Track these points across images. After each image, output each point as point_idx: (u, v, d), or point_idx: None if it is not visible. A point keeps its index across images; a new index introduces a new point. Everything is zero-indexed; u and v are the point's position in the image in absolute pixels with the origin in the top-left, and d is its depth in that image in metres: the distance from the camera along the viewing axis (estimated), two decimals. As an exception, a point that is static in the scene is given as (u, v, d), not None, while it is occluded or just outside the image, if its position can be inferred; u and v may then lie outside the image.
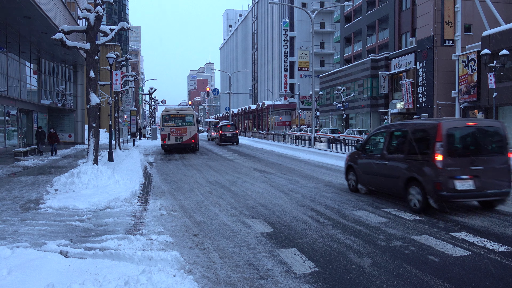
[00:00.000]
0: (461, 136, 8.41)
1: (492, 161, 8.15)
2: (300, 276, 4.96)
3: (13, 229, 7.00)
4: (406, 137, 9.04)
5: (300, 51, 69.64)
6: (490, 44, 26.12)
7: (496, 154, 8.29)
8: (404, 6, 41.92)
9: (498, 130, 8.39)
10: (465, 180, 7.82)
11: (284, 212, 8.46)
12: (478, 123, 8.87)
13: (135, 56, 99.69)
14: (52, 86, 29.70)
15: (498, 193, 8.12)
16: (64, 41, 12.69)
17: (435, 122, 8.22)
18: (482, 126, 8.68)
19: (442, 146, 7.85)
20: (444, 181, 7.75)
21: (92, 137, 12.92)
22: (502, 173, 8.12)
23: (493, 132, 8.44)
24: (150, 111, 61.27)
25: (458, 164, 7.93)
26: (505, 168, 8.14)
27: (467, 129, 8.49)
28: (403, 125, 9.49)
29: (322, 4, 71.49)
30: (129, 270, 4.86)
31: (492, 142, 8.46)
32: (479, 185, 7.88)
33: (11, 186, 11.56)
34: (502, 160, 8.19)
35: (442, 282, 4.74)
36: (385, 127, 10.11)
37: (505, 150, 8.26)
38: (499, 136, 8.32)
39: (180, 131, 24.98)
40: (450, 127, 8.13)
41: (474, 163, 7.93)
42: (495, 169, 8.12)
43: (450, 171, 7.81)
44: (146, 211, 8.68)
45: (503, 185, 8.10)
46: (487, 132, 8.51)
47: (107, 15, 72.94)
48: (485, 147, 8.43)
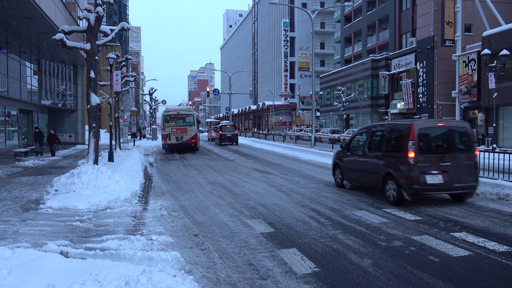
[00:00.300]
0: (432, 136, 9.19)
1: (460, 158, 8.95)
2: (300, 276, 4.95)
3: (13, 230, 7.00)
4: (384, 136, 9.89)
5: (300, 51, 69.65)
6: (490, 44, 26.12)
7: (463, 151, 9.07)
8: (404, 6, 41.93)
9: (466, 130, 9.26)
10: (434, 175, 8.63)
11: (284, 212, 8.46)
12: (447, 124, 9.60)
13: (135, 57, 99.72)
14: (52, 87, 29.71)
15: (465, 186, 8.90)
16: (64, 42, 12.70)
17: (408, 123, 9.09)
18: (451, 126, 9.49)
19: (414, 145, 8.66)
20: (415, 175, 8.54)
21: (93, 138, 12.92)
22: (469, 169, 8.94)
23: (462, 132, 9.30)
24: (150, 111, 61.28)
25: (429, 160, 8.71)
26: (472, 164, 8.96)
27: (437, 129, 9.38)
28: (381, 126, 10.38)
29: (322, 4, 71.49)
30: (130, 270, 4.86)
31: (460, 141, 9.25)
32: (448, 179, 8.67)
33: (11, 187, 11.56)
34: (469, 157, 8.98)
35: (443, 282, 4.74)
36: (366, 128, 10.94)
37: (472, 148, 9.10)
38: (466, 135, 9.17)
39: (181, 131, 25.37)
40: (422, 127, 8.98)
41: (443, 160, 8.74)
42: (462, 165, 8.92)
43: (421, 166, 8.60)
44: (146, 211, 8.68)
45: (470, 180, 8.90)
46: (455, 132, 9.31)
47: (107, 16, 72.99)
48: (453, 145, 9.21)
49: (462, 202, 9.18)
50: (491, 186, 10.36)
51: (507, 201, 9.33)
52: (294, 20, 73.60)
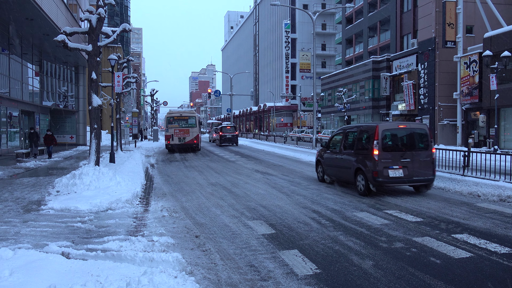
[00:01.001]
0: (394, 136, 10.53)
1: (418, 155, 10.19)
2: (301, 278, 4.95)
3: (15, 230, 7.01)
4: (355, 136, 11.22)
5: (301, 53, 69.66)
6: (491, 46, 26.09)
7: (422, 149, 10.33)
8: (405, 7, 41.93)
9: (424, 131, 10.55)
10: (396, 169, 9.99)
11: (285, 213, 8.45)
12: (408, 126, 10.86)
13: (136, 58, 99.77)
14: (54, 88, 29.77)
15: (423, 179, 10.23)
16: (66, 43, 12.72)
17: (374, 125, 10.44)
18: (411, 127, 10.78)
19: (378, 144, 10.00)
20: (380, 170, 9.91)
21: (94, 139, 12.93)
22: (426, 164, 10.22)
23: (420, 133, 10.53)
24: (151, 112, 61.32)
25: (391, 157, 10.04)
26: (429, 161, 10.26)
27: (399, 130, 10.68)
28: (354, 127, 11.64)
29: (323, 5, 71.52)
30: (131, 271, 4.86)
31: (419, 141, 10.47)
32: (408, 173, 10.03)
33: (13, 188, 11.58)
34: (426, 154, 10.28)
35: (444, 284, 4.73)
36: (342, 129, 12.31)
37: (429, 147, 10.37)
38: (425, 136, 10.47)
39: (183, 132, 26.73)
40: (385, 129, 10.32)
41: (404, 156, 10.07)
42: (421, 161, 10.16)
43: (384, 162, 9.95)
44: (147, 212, 8.68)
45: (428, 174, 10.21)
46: (415, 132, 10.56)
47: (109, 17, 73.13)
48: (413, 144, 10.42)
49: (464, 204, 9.18)
50: (492, 188, 10.34)
51: (509, 202, 9.32)
52: (295, 22, 73.65)
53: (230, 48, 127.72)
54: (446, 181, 11.77)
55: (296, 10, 72.09)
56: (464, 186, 11.00)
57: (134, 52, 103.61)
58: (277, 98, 72.56)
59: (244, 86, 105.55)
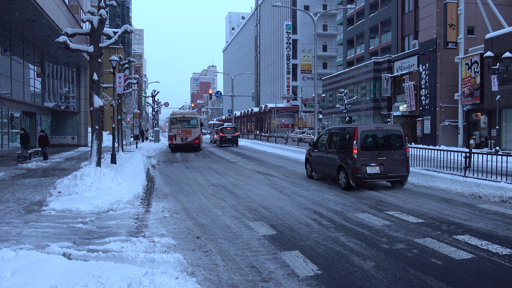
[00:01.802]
0: (372, 136, 11.65)
1: (394, 154, 11.32)
2: (302, 279, 4.95)
3: (16, 231, 7.02)
4: (338, 137, 12.33)
5: (302, 54, 69.68)
6: (493, 47, 26.08)
7: (397, 149, 11.44)
8: (407, 8, 41.92)
9: (399, 132, 11.71)
10: (373, 166, 11.12)
11: (286, 214, 8.45)
12: (384, 128, 11.94)
13: (138, 59, 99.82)
14: (55, 89, 29.83)
15: (398, 176, 11.40)
16: (67, 44, 12.74)
17: (354, 126, 11.57)
18: (387, 129, 11.88)
19: (357, 143, 11.11)
20: (359, 167, 11.01)
21: (95, 140, 12.94)
22: (401, 162, 11.38)
23: (396, 134, 11.67)
24: (153, 113, 61.35)
25: (369, 155, 11.13)
26: (403, 159, 11.42)
27: (376, 131, 11.76)
28: (338, 128, 12.72)
29: (324, 6, 71.56)
30: (132, 272, 4.86)
31: (395, 141, 11.57)
32: (384, 170, 11.19)
33: (14, 188, 11.60)
34: (401, 153, 11.42)
35: (445, 285, 4.72)
36: (327, 130, 13.35)
37: (404, 146, 11.52)
38: (400, 137, 11.62)
39: (186, 132, 28.34)
40: (363, 130, 11.41)
41: (380, 155, 11.21)
42: (396, 159, 11.33)
43: (363, 160, 11.05)
44: (148, 213, 8.69)
45: (402, 170, 11.39)
46: (391, 134, 11.68)
47: (111, 18, 73.23)
48: (389, 144, 11.52)
49: (465, 205, 9.17)
50: (494, 189, 10.32)
51: (510, 204, 9.30)
52: (296, 23, 73.68)
53: (231, 49, 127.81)
54: (448, 182, 11.76)
55: (297, 11, 72.12)
56: (466, 187, 10.98)
57: (135, 53, 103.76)
58: (278, 99, 72.58)
59: (245, 87, 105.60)
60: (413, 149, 15.70)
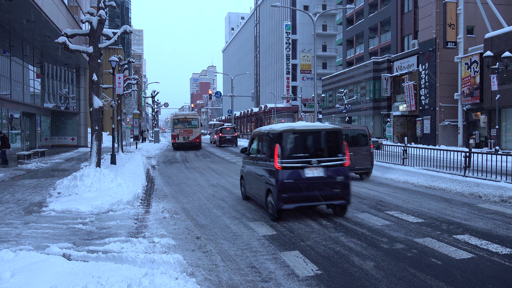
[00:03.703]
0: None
1: (360, 150, 13.32)
2: (302, 279, 4.95)
3: (16, 232, 7.02)
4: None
5: (302, 54, 69.66)
6: (492, 46, 26.08)
7: (363, 145, 13.47)
8: (406, 8, 41.92)
9: (365, 132, 13.82)
10: None
11: (286, 214, 8.44)
12: (352, 127, 13.93)
13: (137, 59, 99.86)
14: (55, 90, 29.82)
15: (363, 168, 13.42)
16: (67, 45, 12.74)
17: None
18: (355, 129, 13.96)
19: None
20: None
21: (95, 140, 12.94)
22: (366, 157, 13.36)
23: (362, 133, 13.73)
24: (152, 114, 61.35)
25: None
26: (368, 154, 13.41)
27: (345, 131, 13.18)
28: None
29: (324, 6, 71.54)
30: (132, 273, 4.86)
31: (361, 139, 13.57)
32: (351, 164, 11.41)
33: (14, 189, 11.59)
34: (366, 149, 13.45)
35: (445, 284, 4.72)
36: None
37: (368, 143, 13.58)
38: (365, 135, 13.72)
39: (187, 132, 31.03)
40: None
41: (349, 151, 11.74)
42: (361, 154, 13.29)
43: None
44: (148, 214, 8.69)
45: (367, 164, 13.42)
46: (358, 133, 13.74)
47: (110, 19, 73.24)
48: (356, 141, 13.47)
49: (465, 205, 9.18)
50: (494, 189, 10.32)
51: (510, 203, 9.31)
52: (296, 23, 73.65)
53: (231, 49, 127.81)
54: (447, 182, 11.77)
55: (297, 11, 72.10)
56: (465, 187, 10.98)
57: (135, 53, 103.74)
58: (278, 99, 72.55)
59: (245, 87, 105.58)
60: (413, 149, 15.71)
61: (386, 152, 17.48)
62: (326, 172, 7.91)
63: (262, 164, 8.59)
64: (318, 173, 7.87)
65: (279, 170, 7.73)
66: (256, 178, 9.03)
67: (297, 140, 8.19)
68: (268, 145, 8.33)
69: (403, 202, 9.65)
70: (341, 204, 8.16)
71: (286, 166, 7.77)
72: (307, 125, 8.41)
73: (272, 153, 7.97)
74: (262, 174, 8.58)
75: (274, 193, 7.74)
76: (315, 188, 7.79)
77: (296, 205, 7.87)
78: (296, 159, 7.88)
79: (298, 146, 8.15)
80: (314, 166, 7.86)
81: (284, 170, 7.75)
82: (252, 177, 9.42)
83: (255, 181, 9.16)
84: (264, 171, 8.42)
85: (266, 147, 8.53)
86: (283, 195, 7.66)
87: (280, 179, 7.69)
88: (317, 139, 8.40)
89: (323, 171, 7.90)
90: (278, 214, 7.85)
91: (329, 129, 8.31)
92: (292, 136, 8.06)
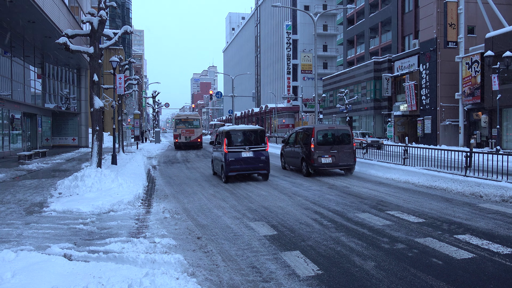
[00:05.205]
0: (325, 135, 14.68)
1: (343, 148, 14.36)
2: (303, 279, 4.95)
3: (17, 232, 7.02)
4: (302, 135, 15.29)
5: (303, 54, 69.65)
6: (493, 46, 26.05)
7: (345, 144, 14.50)
8: (407, 8, 41.90)
9: (347, 131, 14.86)
10: (327, 157, 14.16)
11: (287, 214, 8.45)
12: (336, 127, 15.16)
13: (138, 60, 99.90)
14: (56, 90, 29.86)
15: (346, 165, 14.46)
16: (68, 45, 12.75)
17: (311, 127, 14.66)
18: (338, 128, 15.05)
19: (314, 140, 14.17)
20: (315, 158, 14.08)
21: (96, 141, 12.95)
22: (348, 154, 14.43)
23: (345, 132, 14.75)
24: (153, 114, 61.37)
25: (323, 149, 14.16)
26: (350, 152, 14.47)
27: (329, 130, 14.90)
28: (301, 129, 15.84)
29: (325, 7, 71.52)
30: (133, 273, 4.87)
31: (344, 138, 14.62)
32: (335, 160, 14.25)
33: (15, 190, 11.60)
34: (348, 147, 14.48)
35: (446, 284, 4.72)
36: (295, 130, 16.41)
37: (351, 142, 14.61)
38: (348, 135, 14.72)
39: (189, 132, 32.44)
40: (319, 129, 14.46)
41: (332, 149, 14.24)
42: (344, 152, 14.36)
43: (318, 153, 14.10)
44: (149, 214, 8.69)
45: (349, 160, 14.46)
46: (341, 132, 14.77)
47: (111, 19, 73.28)
48: (339, 140, 14.56)
49: (466, 205, 9.17)
50: (495, 188, 10.30)
51: (511, 203, 9.29)
52: (296, 23, 73.65)
53: (232, 49, 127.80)
54: (448, 182, 11.75)
55: (297, 11, 72.09)
56: (466, 187, 10.97)
57: (135, 54, 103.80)
58: (279, 99, 72.54)
59: (246, 88, 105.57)
60: (414, 149, 15.69)
61: (387, 152, 17.47)
62: (254, 154, 13.23)
63: (220, 150, 13.70)
64: (250, 154, 13.17)
65: (226, 153, 12.99)
66: (217, 159, 14.30)
67: (237, 135, 13.47)
68: (221, 138, 13.56)
69: (404, 202, 9.64)
70: (264, 173, 13.54)
71: (230, 150, 13.05)
72: (244, 126, 13.94)
73: (222, 143, 13.25)
74: (219, 156, 13.75)
75: (224, 166, 13.03)
76: (248, 163, 13.12)
77: (236, 173, 13.15)
78: (237, 146, 13.15)
79: (237, 139, 13.39)
80: (247, 150, 13.18)
81: (229, 153, 13.02)
82: (215, 159, 14.77)
83: (216, 161, 14.62)
84: (220, 154, 13.59)
85: (221, 139, 13.62)
86: (230, 167, 12.96)
87: (227, 158, 12.95)
88: (249, 135, 13.54)
89: (252, 153, 13.21)
90: (226, 179, 13.16)
91: (256, 128, 13.68)
92: (235, 133, 13.45)
